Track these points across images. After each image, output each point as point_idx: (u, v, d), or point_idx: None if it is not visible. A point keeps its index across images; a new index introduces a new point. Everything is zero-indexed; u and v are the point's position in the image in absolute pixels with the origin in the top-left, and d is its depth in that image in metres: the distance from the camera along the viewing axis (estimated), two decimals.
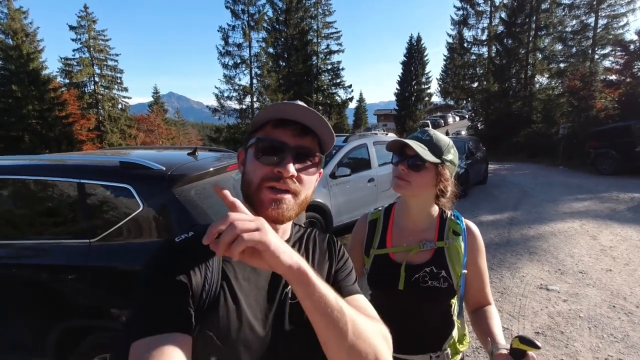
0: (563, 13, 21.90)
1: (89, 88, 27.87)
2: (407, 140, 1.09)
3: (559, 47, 22.41)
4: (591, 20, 21.09)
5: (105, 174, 2.18)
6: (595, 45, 20.92)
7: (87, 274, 2.05)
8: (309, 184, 0.73)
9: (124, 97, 29.48)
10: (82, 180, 2.17)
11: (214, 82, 27.76)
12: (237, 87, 27.34)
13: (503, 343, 0.98)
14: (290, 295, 0.76)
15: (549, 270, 4.37)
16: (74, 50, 27.31)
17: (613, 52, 18.75)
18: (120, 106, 29.23)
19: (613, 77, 17.64)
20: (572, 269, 4.35)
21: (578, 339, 2.97)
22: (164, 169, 2.11)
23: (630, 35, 18.60)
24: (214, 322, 0.64)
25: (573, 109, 17.86)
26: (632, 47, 16.57)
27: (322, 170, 0.81)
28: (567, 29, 21.89)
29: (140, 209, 2.03)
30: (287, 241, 0.79)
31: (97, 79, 27.92)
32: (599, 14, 20.79)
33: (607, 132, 12.45)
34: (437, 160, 1.09)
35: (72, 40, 27.06)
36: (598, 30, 20.87)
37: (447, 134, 28.67)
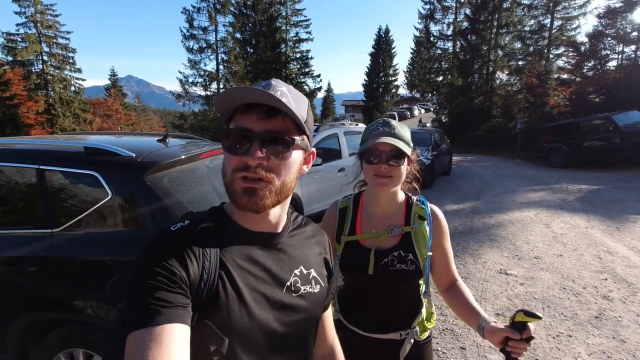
0: (522, 13, 22.99)
1: (36, 67, 25.68)
2: (386, 140, 1.09)
3: (518, 45, 23.57)
4: (547, 21, 22.31)
5: (68, 160, 2.04)
6: (551, 45, 22.19)
7: (50, 266, 1.92)
8: (285, 169, 0.68)
9: (78, 78, 27.49)
10: (41, 167, 2.02)
11: (178, 67, 26.71)
12: (202, 73, 26.37)
13: (488, 316, 1.03)
14: (293, 288, 0.76)
15: (508, 256, 4.66)
16: (17, 25, 24.94)
17: (566, 53, 19.99)
18: (73, 88, 27.23)
19: (565, 76, 18.87)
20: (528, 255, 4.66)
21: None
22: (134, 155, 2.00)
23: (581, 38, 19.88)
24: (213, 312, 0.63)
25: (529, 105, 18.97)
26: (582, 48, 17.75)
27: (311, 149, 0.77)
28: (525, 28, 23.03)
29: (109, 197, 1.92)
30: (284, 230, 0.78)
31: (45, 58, 25.76)
32: (555, 15, 22.03)
33: (559, 127, 13.32)
34: (410, 149, 1.14)
35: (16, 13, 24.70)
36: (553, 31, 22.13)
37: (420, 123, 29.39)
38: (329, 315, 0.96)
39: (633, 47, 16.69)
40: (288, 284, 0.75)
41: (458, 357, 2.70)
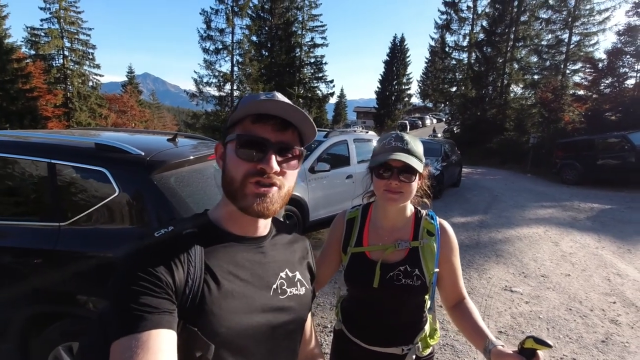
0: (540, 27, 22.81)
1: (57, 62, 26.21)
2: (398, 157, 1.08)
3: (534, 59, 23.37)
4: (565, 36, 22.09)
5: (79, 155, 2.07)
6: (568, 61, 21.94)
7: (55, 259, 1.95)
8: (291, 177, 0.75)
9: (96, 74, 27.99)
10: (52, 160, 2.06)
11: (193, 67, 27.10)
12: (217, 74, 26.65)
13: (495, 339, 1.01)
14: (279, 291, 0.76)
15: (514, 273, 4.58)
16: (42, 20, 25.53)
17: (583, 69, 19.71)
18: (91, 84, 27.72)
19: (581, 92, 18.61)
20: (535, 273, 4.58)
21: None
22: (143, 154, 2.03)
23: (599, 54, 19.63)
24: (199, 318, 0.64)
25: (543, 120, 18.71)
26: (600, 65, 17.50)
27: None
28: (542, 43, 22.84)
29: (116, 193, 1.95)
30: (269, 234, 0.81)
31: (66, 53, 26.29)
32: (573, 30, 21.79)
33: (573, 144, 13.12)
34: (422, 166, 1.13)
35: (41, 9, 25.29)
36: (571, 47, 21.89)
37: (434, 133, 29.21)
38: (310, 318, 0.98)
39: None
40: (274, 286, 0.76)
41: None
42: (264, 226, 0.79)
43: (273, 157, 0.69)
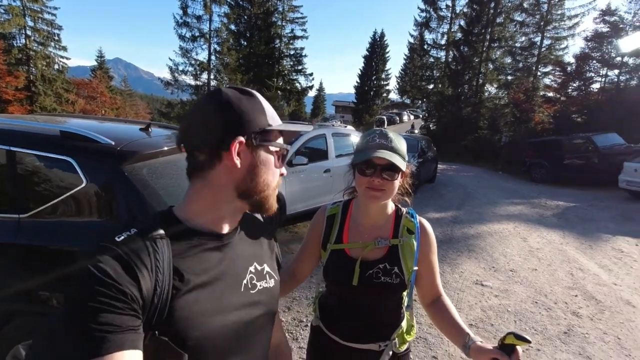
0: (514, 29, 23.57)
1: (18, 42, 24.58)
2: (382, 155, 1.07)
3: (508, 60, 24.16)
4: (538, 39, 22.97)
5: (42, 143, 1.93)
6: (539, 63, 22.82)
7: (14, 253, 1.82)
8: None
9: (62, 56, 26.48)
10: (12, 148, 1.92)
11: (169, 54, 26.25)
12: (193, 62, 25.91)
13: (474, 335, 1.02)
14: (250, 286, 0.75)
15: (485, 267, 4.73)
16: None
17: (553, 72, 20.58)
18: (56, 67, 26.21)
19: (551, 94, 19.43)
20: (504, 267, 4.75)
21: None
22: (113, 143, 1.92)
23: (568, 58, 20.54)
24: (169, 327, 0.60)
25: (515, 120, 19.41)
26: (569, 69, 18.31)
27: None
28: (516, 44, 23.63)
29: (83, 184, 1.84)
30: (235, 229, 0.77)
31: (29, 33, 24.66)
32: (545, 34, 22.68)
33: (542, 144, 13.69)
34: (405, 165, 1.12)
35: None
36: (542, 49, 22.78)
37: (412, 129, 29.55)
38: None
39: (616, 71, 17.31)
40: (245, 282, 0.74)
41: None
42: (237, 221, 0.77)
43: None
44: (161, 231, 0.64)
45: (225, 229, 0.74)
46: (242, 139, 0.68)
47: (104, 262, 0.56)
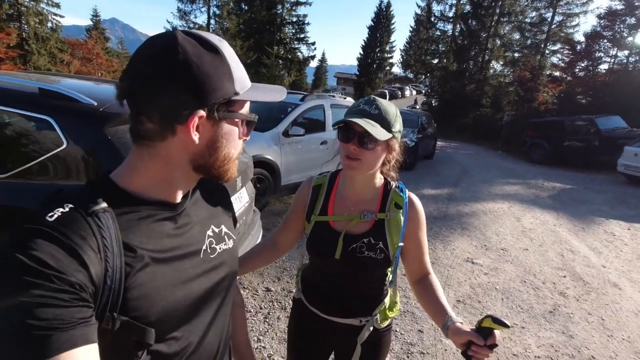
0: (526, 3, 22.71)
1: None
2: (356, 120, 1.00)
3: (516, 36, 23.46)
4: (549, 15, 22.20)
5: (19, 101, 1.83)
6: (548, 40, 22.18)
7: None
8: None
9: (55, 14, 25.45)
10: None
11: (166, 15, 25.19)
12: (192, 25, 25.04)
13: (455, 316, 0.99)
14: (209, 250, 0.71)
15: (477, 245, 4.76)
16: None
17: (562, 50, 20.06)
18: (50, 25, 25.26)
19: (557, 74, 18.99)
20: (496, 246, 4.78)
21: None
22: (96, 104, 1.82)
23: (578, 37, 19.91)
24: (130, 305, 0.54)
25: (519, 99, 19.06)
26: (578, 47, 17.78)
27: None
28: (526, 20, 22.83)
29: (64, 146, 1.76)
30: (187, 194, 0.70)
31: None
32: (557, 10, 21.86)
33: (543, 124, 13.52)
34: (389, 135, 1.04)
35: None
36: (553, 26, 22.06)
37: (414, 104, 29.12)
38: None
39: (626, 52, 16.84)
40: (204, 247, 0.70)
41: (415, 339, 2.76)
42: (190, 188, 0.70)
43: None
44: (103, 204, 0.55)
45: (179, 197, 0.67)
46: (202, 112, 0.57)
47: (37, 248, 0.46)
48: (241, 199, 2.79)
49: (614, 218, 6.44)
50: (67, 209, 0.52)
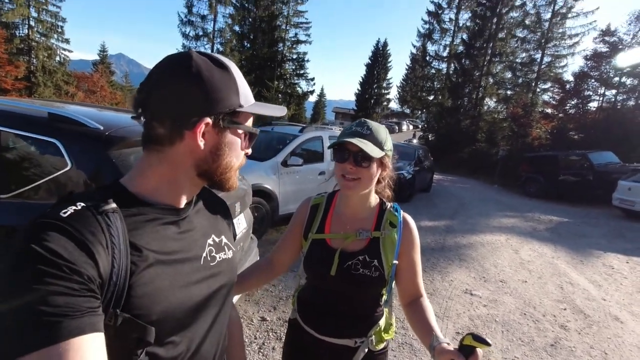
0: (516, 45, 23.87)
1: (21, 32, 24.55)
2: (351, 140, 1.07)
3: (508, 75, 24.42)
4: (538, 55, 23.26)
5: (29, 124, 1.90)
6: (539, 79, 23.07)
7: None
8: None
9: (64, 49, 26.48)
10: None
11: (171, 51, 26.12)
12: None
13: (442, 337, 0.99)
14: (209, 258, 0.73)
15: (475, 277, 4.71)
16: None
17: (552, 88, 20.83)
18: (58, 59, 26.18)
19: (549, 111, 19.61)
20: (495, 278, 4.73)
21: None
22: (102, 128, 1.89)
23: (567, 76, 20.76)
24: (132, 303, 0.57)
25: (513, 134, 19.54)
26: (568, 86, 18.48)
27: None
28: (517, 60, 23.91)
29: (68, 167, 1.80)
30: (191, 202, 0.75)
31: (32, 24, 24.66)
32: (545, 51, 22.96)
33: (538, 159, 13.76)
34: (382, 153, 1.11)
35: None
36: (542, 66, 23.06)
37: (413, 137, 29.69)
38: None
39: (614, 91, 17.50)
40: (204, 255, 0.73)
41: None
42: (194, 195, 0.76)
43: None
44: (112, 204, 0.59)
45: (183, 203, 0.71)
46: (209, 120, 0.63)
47: (51, 240, 0.49)
48: (239, 225, 2.81)
49: (612, 251, 6.41)
50: (79, 207, 0.56)
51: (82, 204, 0.56)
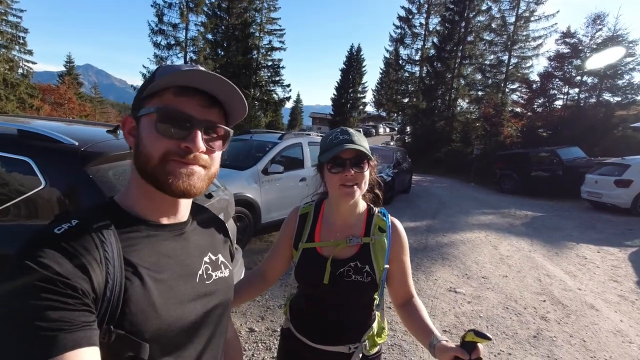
0: (484, 47, 24.75)
1: None
2: (349, 146, 1.08)
3: (478, 76, 25.26)
4: (505, 57, 24.18)
5: None
6: (507, 80, 23.97)
7: None
8: (217, 158, 0.70)
9: (27, 61, 25.38)
10: None
11: (143, 61, 25.63)
12: None
13: (440, 335, 1.01)
14: (205, 276, 0.72)
15: (458, 274, 4.81)
16: None
17: (520, 88, 21.70)
18: (20, 71, 25.10)
19: (518, 110, 20.41)
20: (477, 274, 4.85)
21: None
22: (77, 144, 1.83)
23: (534, 76, 21.68)
24: (126, 319, 0.56)
25: (486, 133, 20.19)
26: (534, 86, 19.32)
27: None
28: (486, 62, 24.77)
29: (42, 186, 1.73)
30: (188, 220, 0.75)
31: None
32: (512, 53, 23.89)
33: (510, 156, 14.27)
34: (370, 153, 1.13)
35: None
36: (510, 67, 23.98)
37: (391, 140, 30.13)
38: None
39: (576, 89, 18.40)
40: (200, 272, 0.72)
41: None
42: (185, 210, 0.73)
43: (199, 135, 0.63)
44: (107, 221, 0.60)
45: (177, 218, 0.71)
46: (130, 117, 0.67)
47: (45, 256, 0.50)
48: None
49: (584, 242, 6.71)
50: (73, 224, 0.57)
51: (77, 221, 0.57)
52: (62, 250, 0.52)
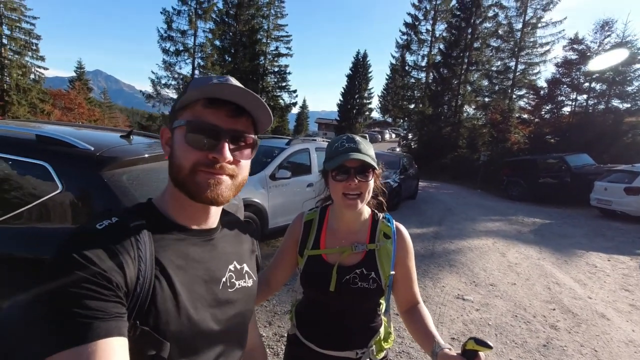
0: (491, 54, 24.72)
1: None
2: (355, 156, 1.08)
3: (485, 82, 25.20)
4: (512, 64, 24.12)
5: (16, 147, 1.86)
6: (514, 86, 23.89)
7: None
8: (245, 166, 0.72)
9: (39, 66, 25.92)
10: None
11: (151, 67, 26.06)
12: (176, 76, 25.84)
13: (443, 342, 1.01)
14: (229, 284, 0.74)
15: (466, 281, 4.77)
16: None
17: (527, 95, 21.60)
18: (33, 76, 25.59)
19: (525, 116, 20.29)
20: (485, 282, 4.81)
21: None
22: (92, 149, 1.87)
23: (541, 83, 21.60)
24: (151, 317, 0.59)
25: (493, 139, 20.10)
26: (542, 92, 19.21)
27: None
28: (493, 68, 24.72)
29: (58, 190, 1.77)
30: (218, 225, 0.77)
31: (5, 41, 24.11)
32: (519, 59, 23.83)
33: (518, 163, 14.17)
34: (376, 161, 1.13)
35: None
36: (517, 74, 23.91)
37: (398, 145, 30.13)
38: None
39: (585, 96, 18.26)
40: (224, 279, 0.74)
41: None
42: (215, 217, 0.75)
43: (226, 145, 0.66)
44: (142, 221, 0.64)
45: (207, 224, 0.73)
46: (167, 128, 0.70)
47: (87, 249, 0.54)
48: None
49: (594, 250, 6.63)
50: (113, 221, 0.61)
51: (117, 219, 0.62)
52: (102, 245, 0.56)
